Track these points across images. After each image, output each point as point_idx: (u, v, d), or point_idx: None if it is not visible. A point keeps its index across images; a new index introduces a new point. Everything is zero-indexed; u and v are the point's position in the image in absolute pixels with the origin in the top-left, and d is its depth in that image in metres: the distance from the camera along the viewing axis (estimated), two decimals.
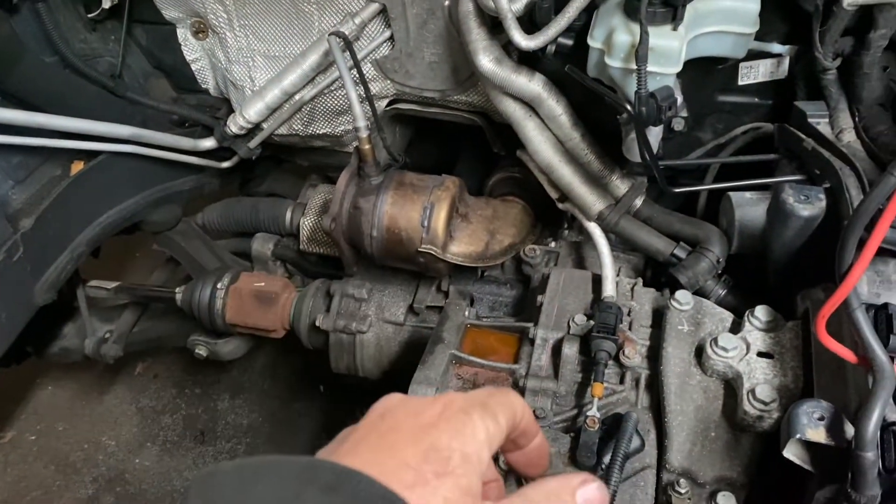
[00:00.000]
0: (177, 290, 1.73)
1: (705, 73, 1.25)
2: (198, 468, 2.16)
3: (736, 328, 1.15)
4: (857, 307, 0.84)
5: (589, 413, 1.07)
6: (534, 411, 1.08)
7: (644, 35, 1.04)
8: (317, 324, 1.53)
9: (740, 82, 1.26)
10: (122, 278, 1.94)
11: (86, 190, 1.58)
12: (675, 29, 1.07)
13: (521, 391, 1.17)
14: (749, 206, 1.23)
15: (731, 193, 1.26)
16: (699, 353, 1.12)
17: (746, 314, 1.13)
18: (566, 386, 1.17)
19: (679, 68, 1.09)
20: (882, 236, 0.80)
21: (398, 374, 1.53)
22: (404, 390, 1.16)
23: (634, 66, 1.06)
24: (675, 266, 1.27)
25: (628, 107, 1.07)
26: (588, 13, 1.20)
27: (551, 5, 1.20)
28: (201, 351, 1.82)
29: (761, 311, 1.12)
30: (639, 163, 1.23)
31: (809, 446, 0.88)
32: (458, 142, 1.91)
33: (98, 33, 1.68)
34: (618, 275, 1.37)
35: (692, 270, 1.25)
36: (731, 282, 1.29)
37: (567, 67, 1.17)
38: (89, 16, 1.62)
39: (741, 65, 1.25)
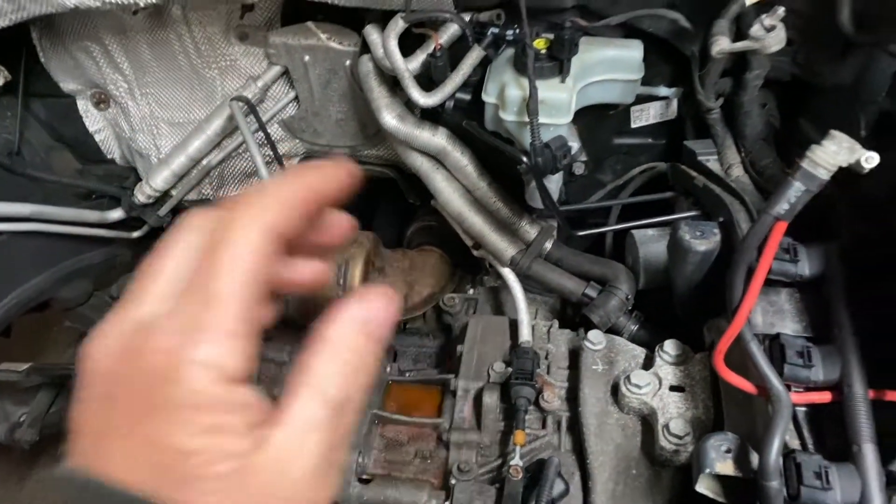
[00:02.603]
0: None
1: (599, 118, 1.30)
2: None
3: (648, 363, 1.18)
4: (750, 340, 0.87)
5: (512, 462, 1.09)
6: (458, 465, 1.09)
7: (533, 89, 1.07)
8: None
9: (633, 125, 1.31)
10: (38, 357, 1.87)
11: None
12: (563, 81, 1.11)
13: (446, 445, 1.17)
14: (651, 243, 1.28)
15: (634, 232, 1.30)
16: (615, 391, 1.15)
17: (657, 349, 1.16)
18: (490, 436, 1.17)
19: (569, 118, 1.13)
20: (765, 272, 0.84)
21: None
22: None
23: (527, 119, 1.10)
24: (587, 306, 1.30)
25: (525, 158, 1.10)
26: (483, 68, 1.23)
27: (446, 63, 1.23)
28: None
29: (670, 346, 1.15)
30: (558, 212, 1.27)
31: (720, 479, 0.91)
32: (376, 195, 1.92)
33: None
34: (535, 317, 1.39)
35: (603, 309, 1.28)
36: (642, 317, 1.32)
37: (465, 123, 1.20)
38: None
39: (632, 108, 1.30)
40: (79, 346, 1.89)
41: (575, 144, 1.30)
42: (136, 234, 1.74)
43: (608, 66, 1.17)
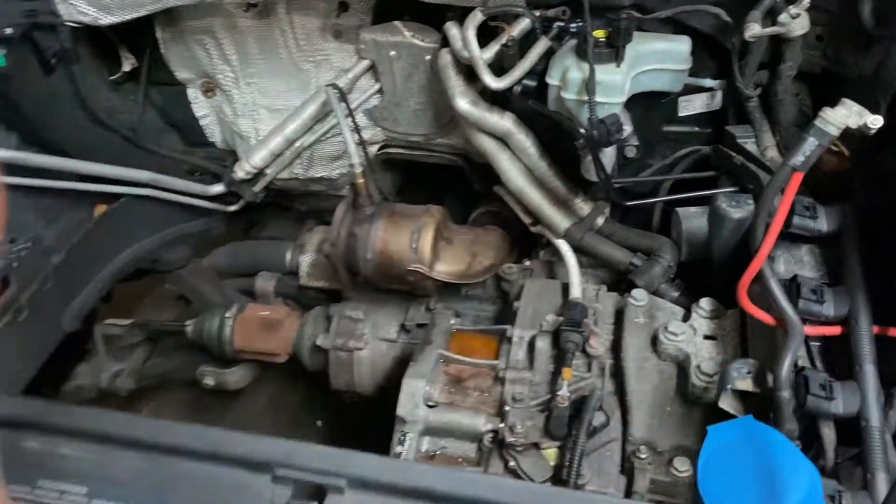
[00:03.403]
0: (187, 323, 1.89)
1: (650, 106, 1.46)
2: None
3: (685, 319, 1.32)
4: (770, 276, 1.02)
5: (559, 392, 1.24)
6: (512, 395, 1.25)
7: (592, 71, 1.25)
8: (317, 343, 1.69)
9: (681, 114, 1.48)
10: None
11: (109, 229, 1.76)
12: (618, 66, 1.29)
13: (502, 382, 1.34)
14: (694, 219, 1.43)
15: (678, 209, 1.46)
16: (654, 340, 1.30)
17: (693, 305, 1.31)
18: (541, 375, 1.33)
19: (623, 98, 1.30)
20: (784, 216, 0.99)
21: (391, 388, 1.68)
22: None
23: (586, 98, 1.27)
24: (633, 272, 1.45)
25: (582, 131, 1.27)
26: (547, 59, 1.42)
27: (516, 52, 1.42)
28: (209, 381, 1.96)
29: (705, 302, 1.30)
30: (597, 183, 1.43)
31: (741, 396, 1.05)
32: (444, 185, 2.11)
33: (119, 93, 1.88)
34: (589, 283, 1.55)
35: (648, 275, 1.43)
36: (683, 285, 1.47)
37: (530, 101, 1.38)
38: (111, 78, 1.82)
39: (680, 99, 1.46)
40: (171, 310, 2.11)
41: (628, 128, 1.47)
42: (231, 208, 1.96)
43: (659, 57, 1.34)
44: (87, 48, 1.70)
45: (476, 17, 1.39)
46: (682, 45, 1.34)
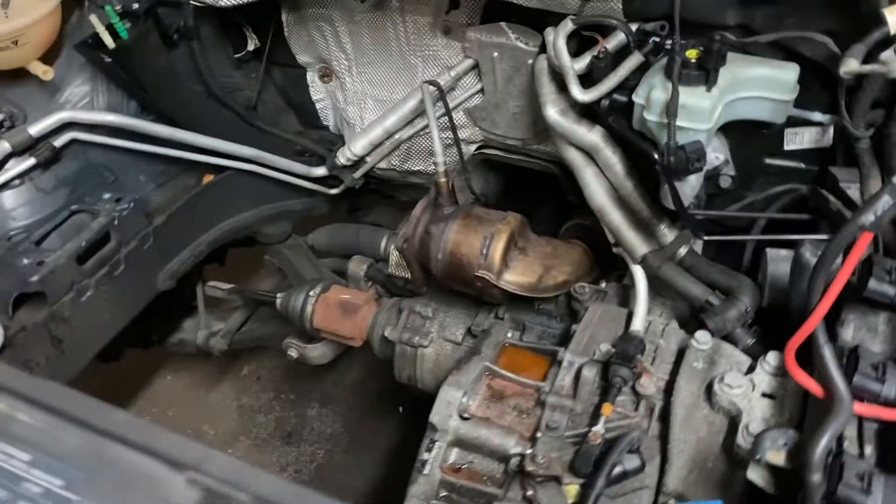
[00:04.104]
0: (277, 295, 1.97)
1: (751, 135, 1.34)
2: (279, 466, 2.38)
3: (749, 372, 1.21)
4: (823, 342, 0.91)
5: (594, 428, 1.18)
6: (548, 423, 1.21)
7: (675, 92, 1.16)
8: (384, 334, 1.71)
9: (786, 147, 1.34)
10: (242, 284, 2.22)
11: (211, 198, 1.86)
12: (708, 90, 1.19)
13: (543, 406, 1.29)
14: (782, 262, 1.30)
15: (768, 249, 1.34)
16: (708, 388, 1.20)
17: (760, 359, 1.20)
18: (583, 406, 1.27)
19: (709, 125, 1.20)
20: (845, 278, 0.88)
21: None
22: None
23: (667, 120, 1.19)
24: (706, 311, 1.35)
25: (657, 156, 1.19)
26: (643, 74, 1.34)
27: (608, 65, 1.35)
28: (293, 353, 2.04)
29: (772, 356, 1.19)
30: (685, 213, 1.34)
31: (771, 470, 0.95)
32: (545, 191, 2.06)
33: (242, 70, 1.98)
34: (659, 316, 1.46)
35: (721, 317, 1.33)
36: (761, 333, 1.34)
37: (611, 118, 1.31)
38: (235, 55, 1.92)
39: (787, 130, 1.33)
40: (271, 281, 2.21)
41: (721, 156, 1.37)
42: (333, 191, 2.02)
43: (760, 84, 1.23)
44: (212, 26, 1.81)
45: (567, 26, 1.34)
46: (788, 73, 1.21)
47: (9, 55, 1.50)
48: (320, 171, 1.97)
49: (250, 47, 1.93)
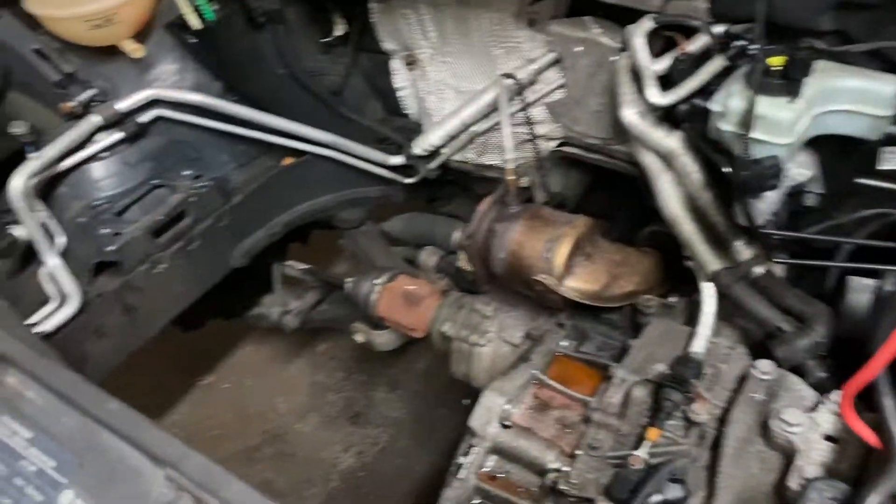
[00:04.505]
0: (347, 280, 1.99)
1: (842, 152, 1.23)
2: (344, 446, 2.42)
3: (813, 409, 1.12)
4: (884, 391, 0.82)
5: (636, 452, 1.12)
6: (590, 441, 1.16)
7: (752, 103, 1.07)
8: (443, 329, 1.69)
9: (881, 166, 1.22)
10: (322, 265, 2.26)
11: (289, 181, 1.89)
12: (791, 101, 1.10)
13: (587, 422, 1.24)
14: (865, 293, 1.19)
15: (850, 277, 1.22)
16: (765, 423, 1.11)
17: (824, 397, 1.10)
18: (630, 427, 1.21)
19: (790, 140, 1.11)
20: None
21: None
22: None
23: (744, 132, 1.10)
24: (776, 339, 1.25)
25: (729, 169, 1.11)
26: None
27: (688, 68, 1.26)
28: (359, 336, 2.05)
29: (838, 396, 1.08)
30: (757, 232, 1.25)
31: None
32: (627, 193, 1.98)
33: (329, 55, 1.99)
34: (727, 339, 1.37)
35: (790, 346, 1.23)
36: (834, 366, 1.24)
37: (684, 125, 1.23)
38: (323, 40, 1.94)
39: (883, 149, 1.21)
40: (346, 264, 2.24)
41: (806, 172, 1.26)
42: (409, 181, 2.01)
43: (853, 97, 1.12)
44: (299, 10, 1.83)
45: (645, 25, 1.27)
46: (886, 85, 1.10)
47: (102, 32, 1.56)
48: (397, 159, 1.96)
49: (338, 32, 1.93)
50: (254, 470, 2.40)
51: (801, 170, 1.24)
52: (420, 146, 1.88)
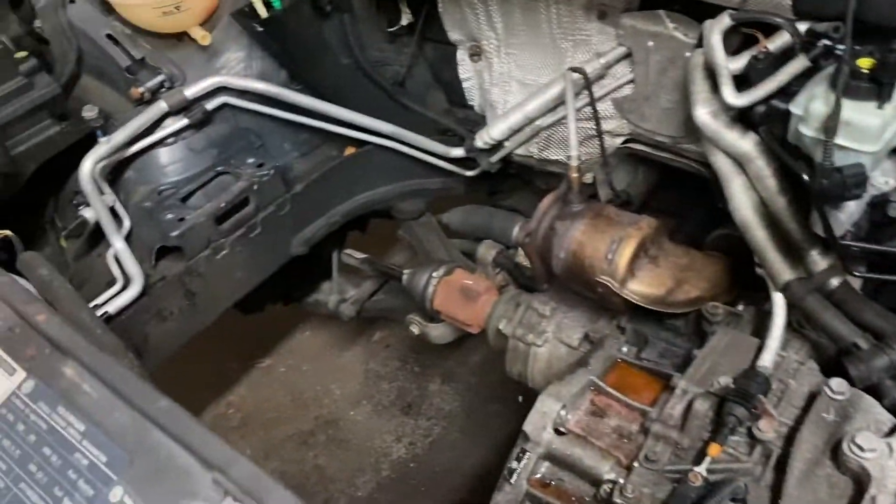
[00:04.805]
0: (405, 271, 1.97)
1: None
2: (396, 436, 2.42)
3: (891, 434, 1.05)
4: None
5: (696, 468, 1.08)
6: (647, 454, 1.12)
7: (837, 107, 1.01)
8: (499, 327, 1.67)
9: None
10: (380, 255, 2.27)
11: (350, 171, 1.89)
12: (879, 107, 1.03)
13: (646, 433, 1.20)
14: None
15: None
16: (837, 446, 1.06)
17: None
18: (690, 441, 1.17)
19: (877, 148, 1.04)
20: None
21: None
22: None
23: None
24: (850, 356, 1.19)
25: (807, 177, 1.05)
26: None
27: (767, 67, 1.20)
28: (414, 328, 2.04)
29: None
30: (836, 243, 1.18)
31: None
32: (695, 193, 1.91)
33: (394, 45, 1.98)
34: (796, 353, 1.31)
35: (866, 365, 1.16)
36: None
37: (760, 128, 1.17)
38: (389, 29, 1.92)
39: None
40: (404, 255, 2.24)
41: (892, 182, 1.18)
42: (469, 173, 1.99)
43: None
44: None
45: (723, 21, 1.21)
46: None
47: (172, 20, 1.58)
48: (458, 151, 1.94)
49: (404, 21, 1.91)
50: (307, 455, 2.43)
51: (886, 178, 1.16)
52: (482, 139, 1.85)
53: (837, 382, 1.12)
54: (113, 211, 1.65)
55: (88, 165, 1.58)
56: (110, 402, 0.65)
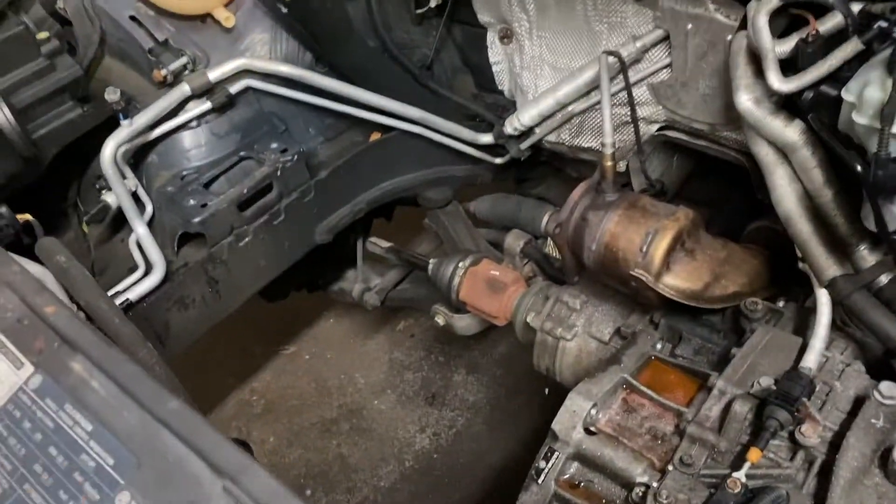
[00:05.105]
0: (431, 260, 1.93)
1: None
2: (419, 426, 2.39)
3: None
4: None
5: (735, 473, 1.03)
6: (682, 457, 1.07)
7: (894, 94, 0.94)
8: (527, 320, 1.62)
9: None
10: (406, 244, 2.22)
11: (376, 157, 1.85)
12: None
13: (681, 434, 1.15)
14: None
15: None
16: (886, 454, 1.00)
17: None
18: (728, 444, 1.12)
19: None
20: None
21: None
22: None
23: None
24: None
25: (861, 168, 0.98)
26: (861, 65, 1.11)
27: (817, 51, 1.13)
28: (439, 319, 2.00)
29: None
30: (890, 239, 1.11)
31: None
32: (733, 183, 1.84)
33: (422, 27, 1.92)
34: (841, 353, 1.24)
35: None
36: None
37: (809, 116, 1.10)
38: (417, 11, 1.87)
39: None
40: (430, 244, 2.19)
41: None
42: (498, 161, 1.93)
43: None
44: None
45: (770, 2, 1.14)
46: None
47: (196, 1, 1.54)
48: (487, 138, 1.88)
49: (432, 3, 1.85)
50: (330, 444, 2.41)
51: None
52: (512, 125, 1.80)
53: (887, 386, 1.06)
54: (135, 196, 1.62)
55: (110, 149, 1.55)
56: (119, 401, 0.62)
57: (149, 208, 1.61)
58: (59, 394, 0.64)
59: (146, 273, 1.53)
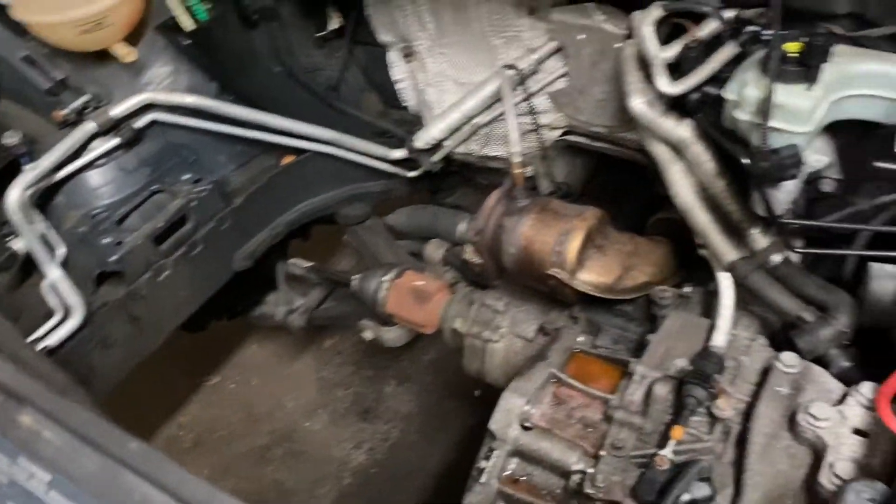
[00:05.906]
0: (353, 277, 1.96)
1: (860, 137, 1.20)
2: (354, 442, 2.40)
3: (840, 402, 1.10)
4: None
5: (661, 452, 1.10)
6: (613, 442, 1.14)
7: (770, 91, 1.04)
8: (454, 326, 1.67)
9: None
10: (324, 262, 2.23)
11: (290, 180, 1.86)
12: (808, 89, 1.07)
13: (609, 421, 1.22)
14: (887, 280, 1.17)
15: (872, 264, 1.20)
16: (792, 417, 1.10)
17: (851, 389, 1.08)
18: (653, 425, 1.19)
19: (809, 128, 1.08)
20: None
21: None
22: None
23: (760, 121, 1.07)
24: (797, 329, 1.23)
25: (746, 160, 1.08)
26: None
27: (699, 55, 1.23)
28: (368, 334, 2.02)
29: (867, 388, 1.07)
30: (777, 222, 1.22)
31: None
32: (632, 180, 1.95)
33: (325, 50, 1.95)
34: (746, 331, 1.34)
35: (812, 336, 1.21)
36: (859, 356, 1.22)
37: (698, 114, 1.20)
38: (317, 35, 1.89)
39: None
40: (350, 260, 2.21)
41: (824, 158, 1.23)
42: (411, 174, 1.98)
43: (871, 81, 1.09)
44: (294, 5, 1.78)
45: (654, 12, 1.23)
46: None
47: (93, 37, 1.52)
48: (398, 153, 1.92)
49: (333, 26, 1.89)
50: (264, 471, 2.39)
51: (818, 156, 1.21)
52: (422, 139, 1.85)
53: (789, 356, 1.16)
54: (44, 239, 1.58)
55: (15, 194, 1.51)
56: (75, 449, 0.63)
57: (62, 250, 1.57)
58: (10, 449, 0.64)
59: (65, 317, 1.49)
